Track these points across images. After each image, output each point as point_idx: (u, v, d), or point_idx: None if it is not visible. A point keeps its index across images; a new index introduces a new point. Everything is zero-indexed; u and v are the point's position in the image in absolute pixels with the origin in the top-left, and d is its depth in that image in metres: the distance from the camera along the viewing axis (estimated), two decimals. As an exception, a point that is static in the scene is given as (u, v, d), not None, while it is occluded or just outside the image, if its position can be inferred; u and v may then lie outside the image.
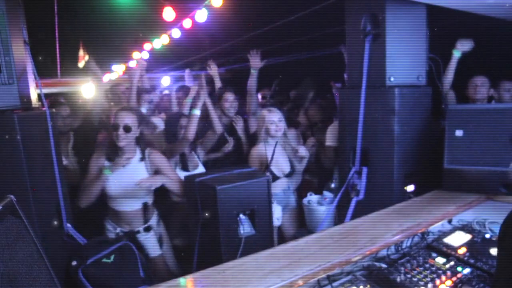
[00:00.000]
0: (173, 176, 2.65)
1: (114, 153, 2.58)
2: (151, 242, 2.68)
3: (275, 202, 3.05)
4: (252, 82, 3.61)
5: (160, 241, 2.75)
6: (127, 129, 2.50)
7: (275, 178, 3.04)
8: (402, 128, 2.49)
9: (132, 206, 2.63)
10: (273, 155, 2.96)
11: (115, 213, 2.64)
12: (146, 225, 2.68)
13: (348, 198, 2.63)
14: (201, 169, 3.12)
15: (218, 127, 3.24)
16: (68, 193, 2.35)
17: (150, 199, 2.72)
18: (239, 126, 3.55)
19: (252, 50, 3.53)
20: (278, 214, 3.02)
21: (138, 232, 2.64)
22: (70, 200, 2.50)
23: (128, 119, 2.53)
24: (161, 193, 2.88)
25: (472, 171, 2.29)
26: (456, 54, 3.08)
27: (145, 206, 2.66)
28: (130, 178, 2.54)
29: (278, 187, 3.06)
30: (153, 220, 2.74)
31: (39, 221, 1.98)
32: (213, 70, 4.10)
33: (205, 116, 3.33)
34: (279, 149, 3.15)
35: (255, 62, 3.55)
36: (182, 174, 2.83)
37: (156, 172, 2.66)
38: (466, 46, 3.05)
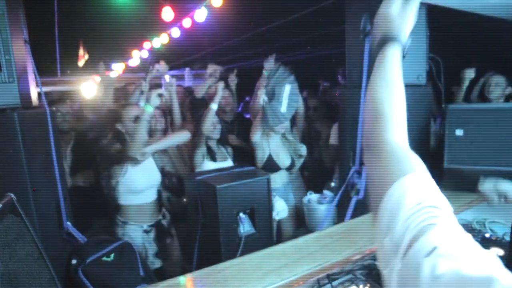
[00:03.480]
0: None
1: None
2: (166, 228, 2.85)
3: (276, 196, 3.09)
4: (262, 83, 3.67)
5: (169, 228, 2.90)
6: (137, 119, 2.61)
7: (277, 168, 3.09)
8: (402, 128, 2.49)
9: (152, 197, 2.77)
10: None
11: (138, 210, 2.69)
12: (162, 212, 2.85)
13: (348, 197, 2.63)
14: (229, 162, 3.15)
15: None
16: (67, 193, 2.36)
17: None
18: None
19: (271, 55, 3.64)
20: (279, 208, 3.04)
21: (160, 220, 2.79)
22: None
23: (135, 111, 2.70)
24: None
25: (472, 171, 2.29)
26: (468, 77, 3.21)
27: (159, 194, 2.84)
28: (150, 167, 2.76)
29: (278, 181, 3.11)
30: (163, 209, 2.92)
31: (39, 221, 1.98)
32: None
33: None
34: (278, 142, 3.19)
35: (269, 65, 3.61)
36: (211, 165, 2.99)
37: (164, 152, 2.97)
38: (472, 75, 3.18)
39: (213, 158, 3.08)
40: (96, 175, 3.05)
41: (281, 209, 3.10)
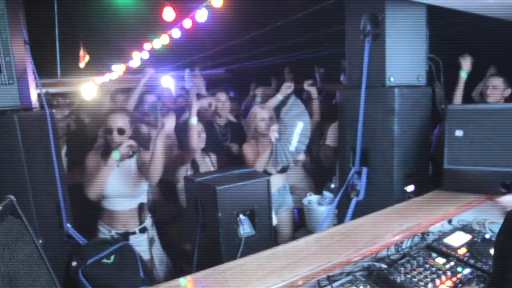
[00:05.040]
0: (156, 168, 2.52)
1: (109, 153, 2.54)
2: (143, 245, 2.63)
3: None
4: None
5: (150, 244, 2.69)
6: (121, 131, 2.51)
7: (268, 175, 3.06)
8: (402, 128, 2.49)
9: (127, 205, 2.60)
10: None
11: (110, 214, 2.59)
12: (141, 226, 2.65)
13: (348, 198, 2.63)
14: None
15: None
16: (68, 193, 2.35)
17: (145, 200, 2.71)
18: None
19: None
20: None
21: (134, 233, 2.61)
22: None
23: (121, 121, 2.53)
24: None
25: (472, 171, 2.29)
26: (463, 74, 3.12)
27: (140, 206, 2.64)
28: (125, 175, 2.56)
29: (273, 186, 3.07)
30: (148, 222, 2.71)
31: (39, 221, 1.98)
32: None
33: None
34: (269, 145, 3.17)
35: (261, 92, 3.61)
36: None
37: (141, 166, 2.62)
38: (468, 64, 3.09)
39: (197, 171, 2.95)
40: None
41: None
